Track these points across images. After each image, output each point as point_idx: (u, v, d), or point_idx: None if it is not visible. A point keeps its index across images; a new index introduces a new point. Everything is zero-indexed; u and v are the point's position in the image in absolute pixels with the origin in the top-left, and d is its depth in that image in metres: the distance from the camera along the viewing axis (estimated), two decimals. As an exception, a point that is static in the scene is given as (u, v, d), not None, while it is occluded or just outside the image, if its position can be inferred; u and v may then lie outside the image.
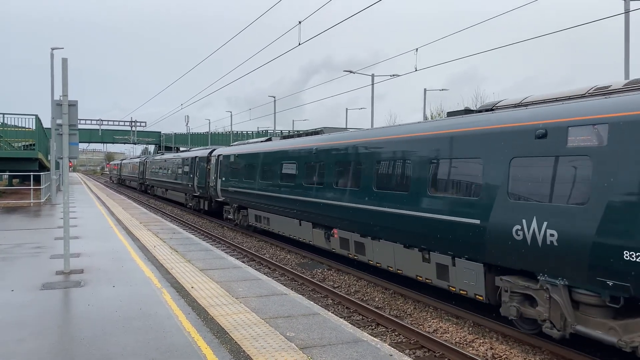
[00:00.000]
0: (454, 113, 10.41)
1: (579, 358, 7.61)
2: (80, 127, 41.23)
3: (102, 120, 77.88)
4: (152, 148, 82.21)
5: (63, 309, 7.43)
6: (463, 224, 8.83)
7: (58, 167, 29.55)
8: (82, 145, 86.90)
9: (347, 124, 48.05)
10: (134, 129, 78.58)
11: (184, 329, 6.55)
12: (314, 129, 16.66)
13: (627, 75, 17.22)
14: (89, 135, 76.31)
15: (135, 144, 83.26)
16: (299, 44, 18.34)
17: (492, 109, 9.37)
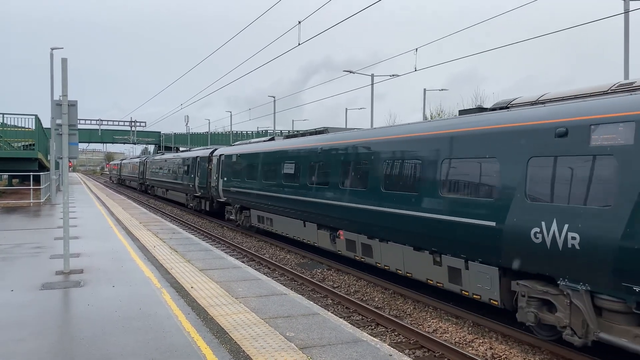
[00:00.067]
0: (466, 111, 10.10)
1: (579, 358, 7.61)
2: (80, 127, 41.31)
3: (101, 120, 78.00)
4: (151, 148, 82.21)
5: (63, 309, 7.44)
6: (477, 226, 8.52)
7: (58, 167, 29.52)
8: (81, 145, 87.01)
9: (346, 124, 48.07)
10: (134, 129, 78.64)
11: (184, 329, 6.55)
12: (317, 129, 16.47)
13: (626, 76, 17.21)
14: (89, 135, 76.34)
15: (135, 144, 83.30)
16: (299, 44, 18.33)
17: (507, 107, 9.03)
